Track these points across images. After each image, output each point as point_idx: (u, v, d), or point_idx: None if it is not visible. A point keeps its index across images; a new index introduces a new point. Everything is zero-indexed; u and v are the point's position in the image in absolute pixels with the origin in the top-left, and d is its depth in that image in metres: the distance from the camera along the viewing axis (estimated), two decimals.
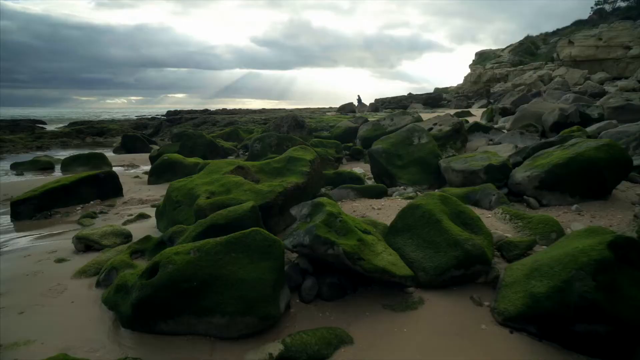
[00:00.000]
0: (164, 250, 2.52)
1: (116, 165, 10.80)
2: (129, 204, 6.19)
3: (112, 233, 4.16)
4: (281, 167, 4.48)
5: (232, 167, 4.43)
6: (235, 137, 14.35)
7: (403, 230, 3.26)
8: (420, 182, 5.92)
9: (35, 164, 10.52)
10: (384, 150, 6.16)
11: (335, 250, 2.64)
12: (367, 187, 5.16)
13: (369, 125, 9.72)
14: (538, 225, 3.60)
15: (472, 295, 2.79)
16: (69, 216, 5.63)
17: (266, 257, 2.50)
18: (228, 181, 4.03)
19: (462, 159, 5.51)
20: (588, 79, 40.75)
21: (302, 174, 4.30)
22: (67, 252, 4.03)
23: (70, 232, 4.78)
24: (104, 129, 20.99)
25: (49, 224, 5.37)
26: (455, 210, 3.30)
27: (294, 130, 10.34)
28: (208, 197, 3.82)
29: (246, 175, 4.46)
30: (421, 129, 6.48)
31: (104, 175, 6.47)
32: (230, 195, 3.76)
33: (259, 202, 3.62)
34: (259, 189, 3.80)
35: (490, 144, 9.00)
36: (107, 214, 5.63)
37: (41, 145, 17.12)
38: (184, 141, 10.58)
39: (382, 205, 4.75)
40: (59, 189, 5.97)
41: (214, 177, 4.23)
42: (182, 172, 7.61)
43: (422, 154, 6.16)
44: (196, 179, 4.35)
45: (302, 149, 4.85)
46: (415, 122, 9.38)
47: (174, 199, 4.19)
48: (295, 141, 6.03)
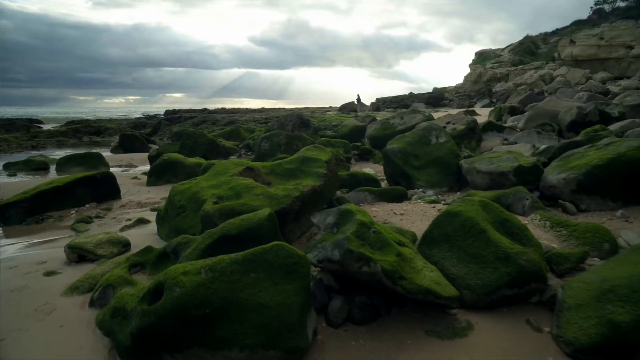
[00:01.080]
0: (169, 268, 2.12)
1: (114, 165, 10.38)
2: (127, 207, 5.77)
3: (108, 241, 3.75)
4: (294, 169, 4.08)
5: (240, 169, 4.03)
6: (237, 136, 13.94)
7: (440, 241, 2.87)
8: (439, 183, 5.53)
9: (29, 164, 10.08)
10: (399, 150, 5.76)
11: (371, 268, 2.25)
12: (386, 190, 4.76)
13: (378, 124, 9.33)
14: (586, 234, 3.22)
15: (528, 319, 2.40)
16: (63, 221, 5.21)
17: (291, 277, 2.10)
18: (237, 184, 3.62)
19: (486, 159, 5.12)
20: (590, 79, 40.49)
21: (318, 176, 3.90)
22: (58, 262, 3.62)
23: (63, 240, 4.37)
24: (102, 128, 20.54)
25: (40, 229, 4.95)
26: (499, 218, 2.91)
27: (299, 129, 9.94)
28: (215, 202, 3.42)
29: (256, 177, 4.06)
30: (438, 128, 6.09)
31: (100, 176, 6.05)
32: (241, 200, 3.35)
33: (274, 208, 3.22)
34: (273, 193, 3.39)
35: (504, 143, 8.62)
36: (104, 218, 5.22)
37: (36, 145, 16.67)
38: (184, 140, 10.16)
39: (404, 210, 4.35)
40: (52, 191, 5.56)
41: (221, 180, 3.83)
42: (183, 172, 7.20)
43: (440, 154, 5.77)
44: (201, 181, 3.94)
45: (317, 149, 4.45)
46: (426, 121, 8.99)
47: (177, 203, 3.79)
48: (305, 140, 5.63)
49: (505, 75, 53.01)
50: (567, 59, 46.43)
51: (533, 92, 16.33)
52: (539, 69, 49.32)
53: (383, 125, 9.21)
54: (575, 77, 41.58)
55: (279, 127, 10.15)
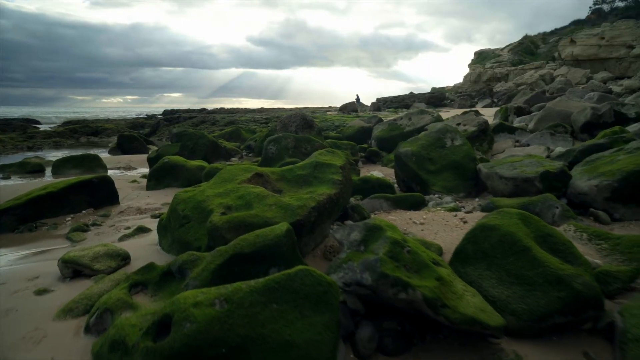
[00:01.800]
0: (178, 297, 1.82)
1: (111, 167, 10.06)
2: (125, 213, 5.46)
3: (105, 255, 3.44)
4: (307, 175, 3.78)
5: (249, 175, 3.73)
6: (237, 137, 13.64)
7: (476, 259, 2.57)
8: (456, 189, 5.24)
9: (23, 166, 9.74)
10: (413, 154, 5.47)
11: (410, 295, 1.95)
12: (403, 197, 4.47)
13: (385, 125, 9.03)
14: (632, 248, 2.93)
15: (586, 351, 2.11)
16: (57, 229, 4.90)
17: (321, 309, 1.80)
18: (247, 192, 3.32)
19: (507, 163, 4.83)
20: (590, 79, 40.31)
21: (333, 184, 3.60)
22: (51, 278, 3.31)
23: (57, 251, 4.06)
24: (99, 128, 20.17)
25: (33, 238, 4.64)
26: (541, 232, 2.62)
27: (302, 130, 9.63)
28: (223, 213, 3.12)
29: (266, 184, 3.76)
30: (454, 130, 5.81)
31: (97, 181, 5.74)
32: (252, 210, 3.05)
33: (289, 220, 2.93)
34: (287, 203, 3.09)
35: (516, 145, 8.35)
36: (101, 226, 4.91)
37: (32, 146, 16.32)
38: (185, 141, 9.85)
39: (424, 219, 4.06)
40: (46, 197, 5.24)
41: (228, 187, 3.52)
42: (184, 176, 6.91)
43: (456, 158, 5.48)
44: (207, 188, 3.64)
45: (330, 153, 4.15)
46: (435, 122, 8.71)
47: (180, 213, 3.48)
48: (314, 143, 5.33)
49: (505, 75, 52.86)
50: (568, 59, 46.26)
51: (539, 92, 16.07)
52: (539, 69, 49.18)
53: (390, 126, 8.92)
54: (576, 77, 41.39)
55: (282, 127, 9.85)
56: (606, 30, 43.27)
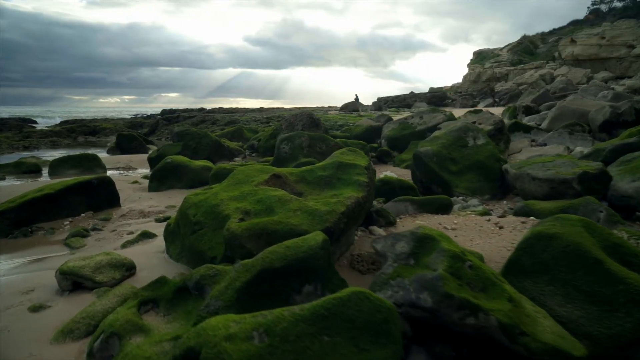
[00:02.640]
0: (204, 325, 1.48)
1: (111, 167, 9.71)
2: (127, 217, 5.12)
3: (109, 265, 3.10)
4: (329, 176, 3.45)
5: (266, 176, 3.40)
6: (240, 136, 13.29)
7: (535, 272, 2.25)
8: (480, 190, 4.92)
9: (19, 166, 9.37)
10: (434, 153, 5.15)
11: (480, 320, 1.63)
12: (429, 200, 4.15)
13: (396, 124, 8.71)
14: None
15: None
16: (55, 234, 4.56)
17: (381, 340, 1.47)
18: (266, 196, 2.99)
19: (537, 164, 4.52)
20: (591, 78, 40.16)
21: (359, 186, 3.28)
22: (48, 291, 2.97)
23: (55, 259, 3.72)
24: (97, 127, 19.76)
25: (28, 244, 4.30)
26: (609, 242, 2.30)
27: (309, 129, 9.30)
28: (242, 219, 2.79)
29: (284, 186, 3.43)
30: (476, 128, 5.50)
31: (97, 182, 5.39)
32: (274, 216, 2.72)
33: (318, 227, 2.60)
34: (313, 208, 2.76)
35: (533, 145, 8.04)
36: (102, 231, 4.56)
37: (29, 145, 15.91)
38: (187, 141, 9.51)
39: (455, 224, 3.74)
40: (43, 200, 4.90)
41: (244, 190, 3.19)
42: (188, 177, 6.57)
43: (480, 157, 5.16)
44: (220, 191, 3.30)
45: (352, 152, 3.83)
46: (448, 120, 8.40)
47: (191, 218, 3.14)
48: (329, 141, 5.01)
49: (504, 74, 52.72)
50: (568, 59, 46.11)
51: (546, 91, 15.79)
52: (539, 69, 49.05)
53: (401, 125, 8.60)
54: (577, 76, 41.24)
55: (288, 127, 9.52)
56: (607, 30, 43.16)
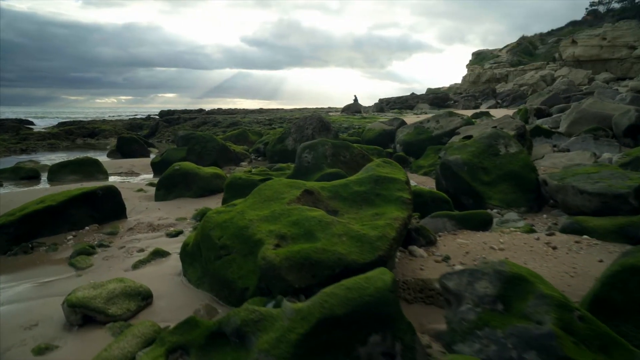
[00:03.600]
0: None
1: (112, 173, 9.33)
2: (135, 230, 4.75)
3: (123, 294, 2.74)
4: (367, 192, 3.10)
5: (297, 192, 3.04)
6: (244, 139, 12.95)
7: (629, 311, 1.91)
8: (515, 203, 4.59)
9: (17, 171, 8.97)
10: (465, 162, 4.81)
11: None
12: (469, 215, 3.81)
13: (410, 128, 8.38)
14: None
15: None
16: (58, 250, 4.19)
17: None
18: (303, 217, 2.64)
19: (580, 175, 4.18)
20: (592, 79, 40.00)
21: (403, 203, 2.93)
22: (54, 326, 2.61)
23: (60, 282, 3.36)
24: (96, 129, 19.34)
25: (29, 262, 3.93)
26: None
27: (319, 133, 8.96)
28: (277, 245, 2.44)
29: (317, 202, 3.08)
30: (507, 135, 5.16)
31: (102, 192, 5.02)
32: (317, 243, 2.37)
33: (369, 256, 2.26)
34: (361, 233, 2.41)
35: (555, 150, 7.72)
36: (109, 247, 4.19)
37: (26, 148, 15.48)
38: (192, 145, 9.15)
39: (502, 244, 3.39)
40: (44, 212, 4.53)
41: (275, 209, 2.83)
42: (198, 185, 6.21)
43: (514, 167, 4.83)
44: (246, 209, 2.95)
45: (388, 164, 3.48)
46: (466, 125, 8.08)
47: (216, 241, 2.79)
48: (352, 149, 4.66)
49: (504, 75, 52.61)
50: (569, 60, 45.94)
51: (556, 94, 15.51)
52: (539, 70, 48.95)
53: (417, 129, 8.26)
54: (578, 77, 41.11)
55: (297, 130, 9.17)
56: (608, 31, 42.99)
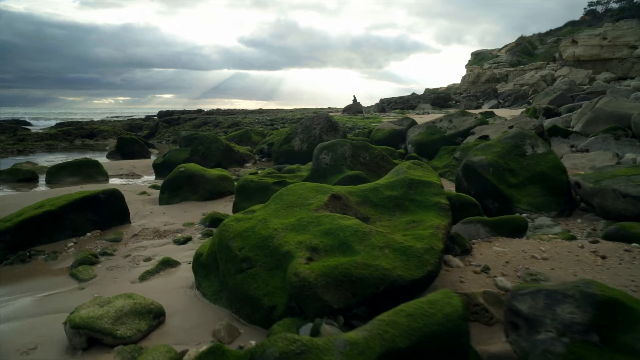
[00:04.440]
0: None
1: (113, 174, 9.03)
2: (140, 237, 4.45)
3: (132, 312, 2.45)
4: (399, 197, 2.82)
5: (324, 197, 2.75)
6: (247, 139, 12.65)
7: None
8: (546, 206, 4.31)
9: (14, 173, 8.66)
10: (490, 164, 4.53)
11: None
12: (502, 221, 3.53)
13: (422, 128, 8.10)
14: None
15: None
16: (58, 259, 3.89)
17: None
18: (336, 226, 2.35)
19: (619, 177, 3.91)
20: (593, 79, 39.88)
21: (441, 209, 2.66)
22: (55, 349, 2.31)
23: (60, 296, 3.07)
24: (95, 130, 19.00)
25: (27, 273, 3.63)
26: None
27: (327, 134, 8.68)
28: (310, 258, 2.15)
29: (345, 208, 2.80)
30: (533, 135, 4.89)
31: (104, 196, 4.72)
32: (355, 256, 2.08)
33: (417, 271, 1.98)
34: (405, 245, 2.13)
35: (574, 151, 7.46)
36: (113, 255, 3.90)
37: (23, 149, 15.15)
38: (195, 146, 8.85)
39: (543, 252, 3.11)
40: (43, 218, 4.23)
41: (303, 217, 2.55)
42: (204, 188, 5.91)
43: (542, 168, 4.55)
44: (269, 217, 2.66)
45: (419, 167, 3.20)
46: (481, 125, 7.81)
47: (237, 253, 2.49)
48: (372, 150, 4.37)
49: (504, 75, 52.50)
50: (569, 60, 45.81)
51: (563, 93, 15.27)
52: (539, 70, 48.85)
53: (429, 129, 7.98)
54: (578, 77, 40.99)
55: (304, 130, 8.89)
56: (608, 31, 42.85)
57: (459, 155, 6.79)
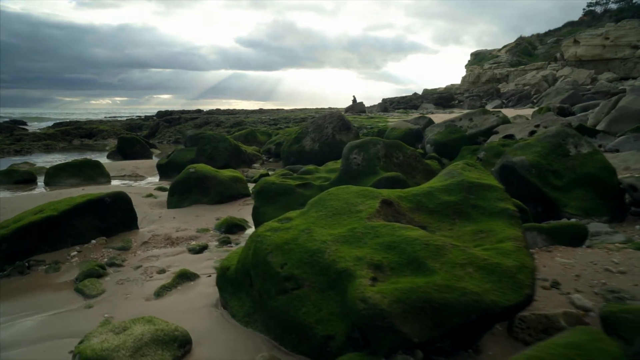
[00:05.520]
0: None
1: (115, 175, 8.62)
2: (151, 244, 4.05)
3: (154, 341, 2.05)
4: (458, 202, 2.44)
5: (374, 203, 2.37)
6: (253, 139, 12.26)
7: None
8: (596, 211, 3.94)
9: (11, 174, 8.23)
10: (532, 164, 4.16)
11: None
12: (560, 227, 3.16)
13: (441, 127, 7.72)
14: None
15: None
16: (60, 271, 3.49)
17: None
18: (399, 238, 1.97)
19: None
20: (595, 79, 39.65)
21: (511, 217, 2.28)
22: None
23: (65, 316, 2.67)
24: (94, 130, 18.55)
25: (26, 287, 3.23)
26: None
27: (340, 133, 8.30)
28: (374, 279, 1.76)
29: (398, 216, 2.41)
30: (575, 133, 4.52)
31: (110, 200, 4.32)
32: (433, 276, 1.70)
33: (512, 295, 1.59)
34: (492, 263, 1.74)
35: (602, 150, 7.08)
36: (122, 267, 3.50)
37: (20, 149, 14.70)
38: (202, 145, 8.45)
39: (617, 265, 2.74)
40: (43, 224, 3.83)
41: (354, 227, 2.16)
42: (216, 190, 5.52)
43: (589, 170, 4.18)
44: (313, 226, 2.27)
45: (473, 167, 2.82)
46: (503, 124, 7.44)
47: (278, 270, 2.10)
48: (405, 149, 3.99)
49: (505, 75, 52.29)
50: (571, 60, 45.62)
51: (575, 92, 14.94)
52: (540, 70, 48.67)
53: (448, 128, 7.61)
54: (580, 77, 40.77)
55: (316, 129, 8.50)
56: (610, 30, 42.64)
57: (483, 155, 6.41)
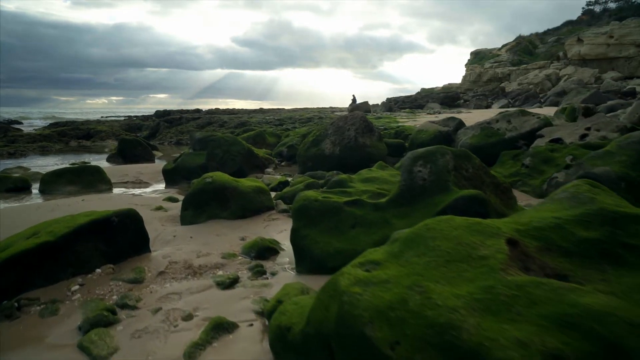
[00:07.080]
0: None
1: (117, 182, 7.90)
2: (168, 274, 3.36)
3: None
4: (603, 240, 1.79)
5: (500, 244, 1.70)
6: (262, 141, 11.58)
7: None
8: None
9: (3, 182, 7.50)
10: (620, 176, 3.51)
11: None
12: None
13: (476, 130, 7.07)
14: None
15: None
16: (58, 314, 2.81)
17: None
18: (577, 310, 1.30)
19: None
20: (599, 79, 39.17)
21: None
22: None
23: None
24: (91, 130, 17.78)
25: (15, 338, 2.55)
26: None
27: (362, 136, 7.63)
28: None
29: (525, 260, 1.75)
30: None
31: (118, 219, 3.63)
32: None
33: None
34: None
35: None
36: (138, 309, 2.80)
37: (14, 152, 13.94)
38: (212, 149, 7.76)
39: None
40: (38, 252, 3.15)
41: (488, 283, 1.49)
42: (237, 203, 4.84)
43: None
44: (424, 280, 1.60)
45: (601, 189, 2.16)
46: (546, 126, 6.79)
47: (386, 352, 1.42)
48: (473, 160, 3.33)
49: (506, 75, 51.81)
50: (574, 58, 45.17)
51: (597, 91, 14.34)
52: (543, 69, 48.23)
53: (484, 131, 6.95)
54: (584, 76, 40.29)
55: (336, 131, 7.83)
56: (615, 29, 42.18)
57: (529, 162, 5.77)
